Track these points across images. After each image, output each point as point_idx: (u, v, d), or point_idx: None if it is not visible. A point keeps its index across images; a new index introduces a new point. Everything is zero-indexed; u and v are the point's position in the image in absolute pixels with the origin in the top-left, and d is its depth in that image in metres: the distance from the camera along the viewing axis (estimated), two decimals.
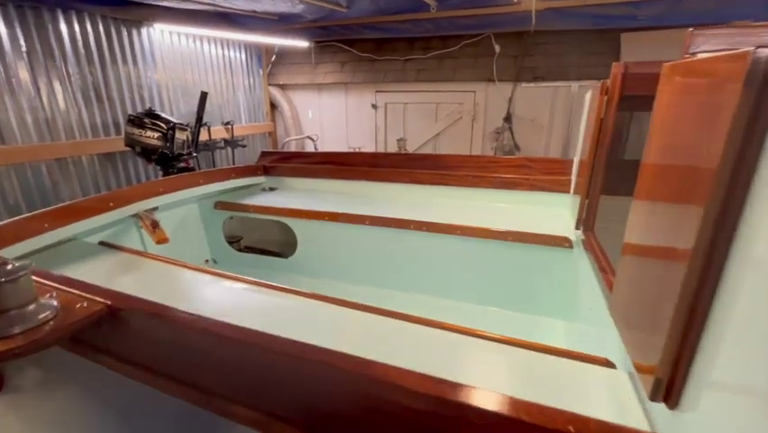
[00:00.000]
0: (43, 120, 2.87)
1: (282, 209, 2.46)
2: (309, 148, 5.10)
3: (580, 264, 1.77)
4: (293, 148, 5.38)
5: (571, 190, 2.28)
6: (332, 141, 5.45)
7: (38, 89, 2.83)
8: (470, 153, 4.67)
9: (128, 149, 3.16)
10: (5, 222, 1.62)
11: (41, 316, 0.72)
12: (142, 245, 2.15)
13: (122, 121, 3.31)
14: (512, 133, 4.33)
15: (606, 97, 1.61)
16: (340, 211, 2.32)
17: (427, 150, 4.88)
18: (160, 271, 1.58)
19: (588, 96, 2.01)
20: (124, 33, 3.37)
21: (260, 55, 5.15)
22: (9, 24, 2.63)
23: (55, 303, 0.76)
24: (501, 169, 2.57)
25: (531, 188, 2.44)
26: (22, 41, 2.70)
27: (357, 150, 4.64)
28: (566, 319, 1.95)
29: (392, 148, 4.98)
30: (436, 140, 4.87)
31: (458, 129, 4.73)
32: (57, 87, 2.94)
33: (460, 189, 2.58)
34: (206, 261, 2.81)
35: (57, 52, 2.91)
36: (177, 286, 1.45)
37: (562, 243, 1.89)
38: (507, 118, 4.31)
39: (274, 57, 5.34)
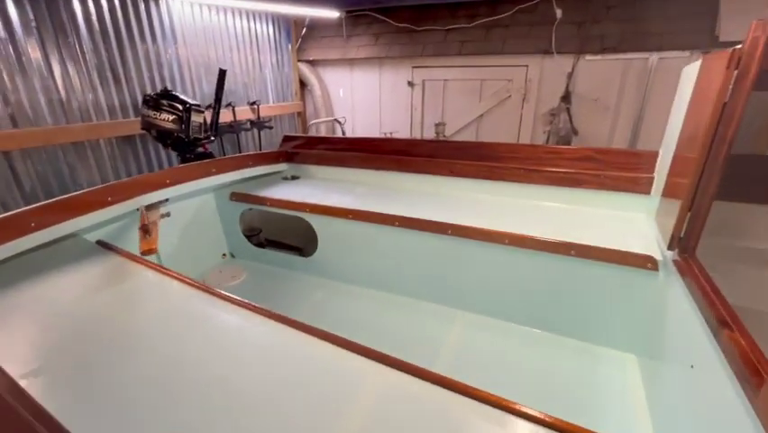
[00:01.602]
0: (57, 101, 2.72)
1: (302, 204, 2.17)
2: (339, 132, 4.77)
3: (671, 295, 1.36)
4: (322, 131, 5.07)
5: (652, 191, 1.82)
6: (363, 123, 5.08)
7: (50, 68, 2.66)
8: (517, 138, 4.14)
9: (144, 132, 2.97)
10: None
11: None
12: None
13: (139, 102, 3.12)
14: (570, 114, 3.75)
15: (736, 72, 1.13)
16: (366, 209, 2.00)
17: (468, 133, 4.39)
18: (143, 288, 1.33)
19: (690, 69, 1.52)
20: (141, 6, 3.12)
21: (290, 29, 4.80)
22: None
23: None
24: (562, 162, 2.11)
25: (599, 186, 1.98)
26: (31, 15, 2.52)
27: (390, 135, 4.25)
28: (640, 355, 1.57)
29: (429, 132, 4.54)
30: (479, 122, 4.36)
31: (505, 110, 4.19)
32: (70, 65, 2.76)
33: (509, 185, 2.16)
34: (224, 255, 2.62)
35: (69, 28, 2.72)
36: (152, 314, 1.19)
37: (643, 263, 1.47)
38: (566, 97, 3.72)
39: (304, 30, 4.98)
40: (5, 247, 1.43)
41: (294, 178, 2.70)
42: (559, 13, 3.59)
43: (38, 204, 1.56)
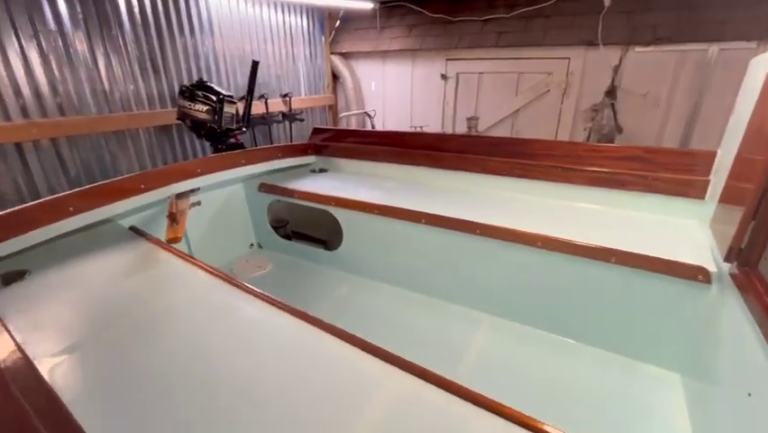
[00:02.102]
0: (101, 92, 2.83)
1: (328, 197, 2.15)
2: (369, 125, 4.73)
3: (725, 311, 1.24)
4: (352, 124, 5.05)
5: (707, 196, 1.67)
6: (394, 117, 5.01)
7: (95, 60, 2.77)
8: (555, 135, 3.94)
9: (180, 122, 3.05)
10: (32, 203, 1.50)
11: None
12: None
13: (176, 93, 3.21)
14: (614, 111, 3.51)
15: None
16: (393, 205, 1.95)
17: (502, 129, 4.22)
18: (170, 276, 1.35)
19: (761, 61, 1.36)
20: (181, 0, 3.20)
21: (323, 21, 4.79)
22: None
23: None
24: (604, 161, 1.97)
25: (646, 188, 1.83)
26: (79, 9, 2.63)
27: (420, 129, 4.16)
28: (685, 375, 1.44)
29: (460, 127, 4.41)
30: (515, 118, 4.18)
31: (543, 105, 4.00)
32: (114, 57, 2.87)
33: (544, 184, 2.04)
34: (251, 245, 2.65)
35: (113, 21, 2.82)
36: (178, 301, 1.20)
37: (694, 275, 1.34)
38: (611, 92, 3.48)
39: (338, 22, 4.96)
40: (47, 229, 1.50)
41: (322, 170, 2.69)
42: (607, 0, 3.35)
43: (76, 189, 1.63)
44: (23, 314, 1.13)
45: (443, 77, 4.47)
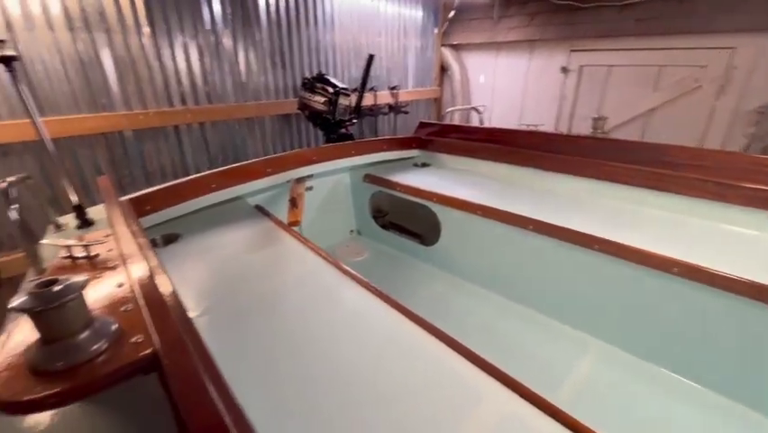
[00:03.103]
0: (239, 83, 3.24)
1: (429, 193, 2.14)
2: (475, 121, 4.57)
3: None
4: (456, 119, 4.93)
5: None
6: (502, 113, 4.76)
7: (237, 55, 3.17)
8: (701, 140, 3.31)
9: (299, 112, 3.33)
10: (185, 179, 1.80)
11: (94, 347, 0.58)
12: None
13: (297, 84, 3.50)
14: None
15: None
16: (497, 207, 1.86)
17: (630, 131, 3.70)
18: (286, 254, 1.48)
19: None
20: None
21: (438, 12, 4.73)
22: None
23: (113, 327, 0.62)
24: None
25: None
26: (229, 9, 3.03)
27: (533, 127, 3.87)
28: None
29: (579, 126, 3.99)
30: (648, 118, 3.63)
31: (689, 104, 3.38)
32: (251, 52, 3.24)
33: (686, 200, 1.73)
34: (351, 231, 2.79)
35: (253, 20, 3.18)
36: (291, 279, 1.31)
37: None
38: None
39: (452, 13, 4.85)
40: (194, 202, 1.78)
41: (424, 165, 2.69)
42: None
43: (217, 169, 1.89)
44: (177, 270, 1.35)
45: (564, 70, 4.07)
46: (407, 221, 2.74)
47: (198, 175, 1.84)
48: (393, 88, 4.42)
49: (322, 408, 0.82)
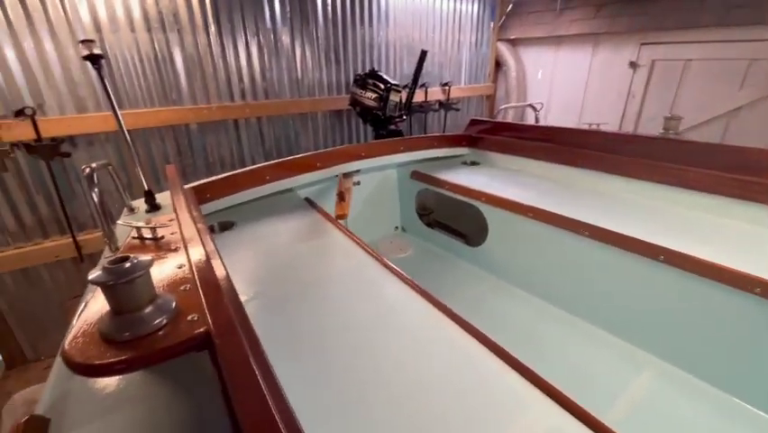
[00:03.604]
0: (294, 79, 3.35)
1: (478, 192, 2.08)
2: (529, 119, 4.37)
3: None
4: (509, 117, 4.75)
5: None
6: (560, 111, 4.51)
7: (294, 52, 3.28)
8: None
9: (351, 108, 3.38)
10: (242, 171, 1.90)
11: (156, 321, 0.63)
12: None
13: (350, 81, 3.55)
14: None
15: None
16: (549, 209, 1.77)
17: (708, 132, 3.34)
18: (332, 247, 1.52)
19: None
20: None
21: (495, 5, 4.58)
22: None
23: (173, 305, 0.67)
24: None
25: None
26: (288, 8, 3.14)
27: (593, 126, 3.62)
28: None
29: (645, 127, 3.68)
30: (731, 118, 3.25)
31: None
32: (307, 49, 3.34)
33: None
34: (396, 227, 2.80)
35: (311, 18, 3.27)
36: (336, 271, 1.34)
37: None
38: None
39: (510, 6, 4.67)
40: (249, 192, 1.88)
41: (473, 163, 2.62)
42: None
43: (271, 162, 1.98)
44: (230, 256, 1.44)
45: (633, 65, 3.77)
46: (453, 220, 2.69)
47: (254, 167, 1.94)
48: (445, 85, 4.35)
49: (361, 398, 0.83)
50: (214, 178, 1.81)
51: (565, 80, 4.43)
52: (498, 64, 4.94)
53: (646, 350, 1.55)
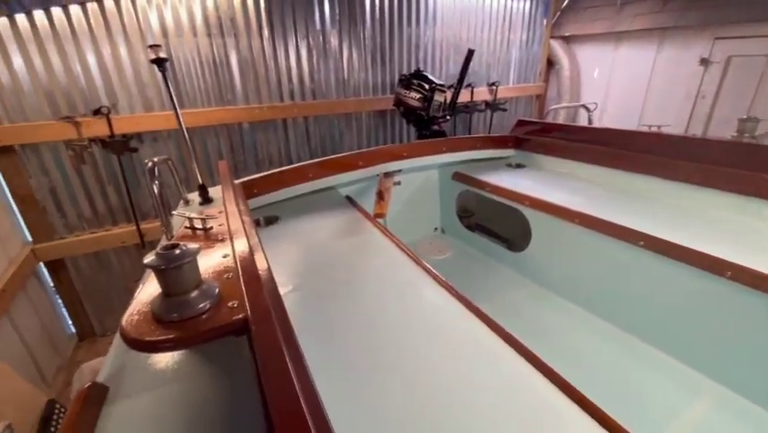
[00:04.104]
0: (341, 80, 3.43)
1: (522, 195, 2.01)
2: (582, 120, 4.14)
3: None
4: (560, 118, 4.53)
5: None
6: (617, 112, 4.23)
7: (341, 53, 3.35)
8: None
9: (394, 108, 3.39)
10: (287, 168, 1.98)
11: (200, 305, 0.68)
12: None
13: (395, 81, 3.57)
14: None
15: None
16: (601, 216, 1.67)
17: None
18: (370, 245, 1.54)
19: None
20: None
21: (549, 2, 4.38)
22: None
23: (216, 291, 0.71)
24: None
25: None
26: (337, 10, 3.21)
27: (654, 129, 3.36)
28: None
29: (716, 129, 3.35)
30: None
31: None
32: (354, 50, 3.40)
33: None
34: (435, 228, 2.78)
35: (359, 19, 3.33)
36: (373, 269, 1.35)
37: None
38: None
39: (566, 2, 4.45)
40: (293, 189, 1.96)
41: (519, 166, 2.53)
42: None
43: (315, 160, 2.04)
44: (273, 249, 1.50)
45: (705, 62, 3.44)
46: (495, 224, 2.62)
47: (299, 165, 2.01)
48: (492, 84, 4.24)
49: (389, 398, 0.83)
50: (261, 174, 1.91)
51: (624, 79, 4.15)
52: (550, 63, 4.73)
53: (706, 374, 1.42)
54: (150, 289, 0.73)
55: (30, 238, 2.66)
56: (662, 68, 3.80)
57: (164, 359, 0.91)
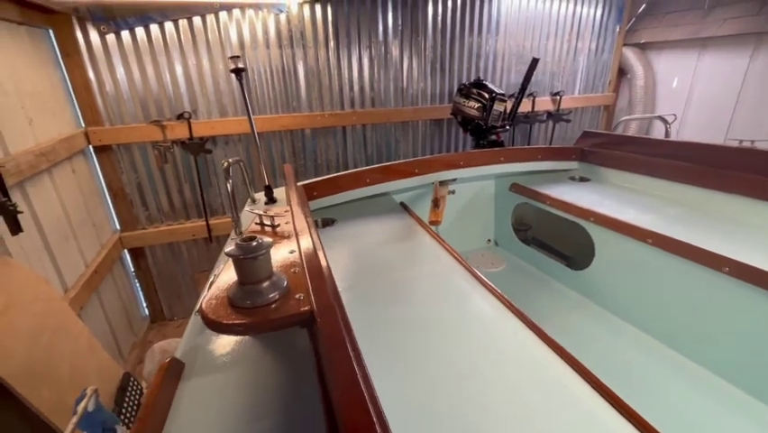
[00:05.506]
0: (400, 89, 3.49)
1: (587, 211, 1.91)
2: (656, 133, 3.83)
3: None
4: (631, 130, 4.22)
5: None
6: (699, 125, 3.86)
7: (402, 63, 3.42)
8: None
9: (452, 117, 3.38)
10: (345, 173, 2.05)
11: (270, 295, 0.73)
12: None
13: (453, 90, 3.55)
14: None
15: None
16: (677, 238, 1.53)
17: None
18: (422, 251, 1.54)
19: None
20: (477, 3, 3.46)
21: (623, 8, 4.13)
22: (393, 7, 3.23)
23: (285, 283, 0.76)
24: None
25: None
26: (400, 21, 3.29)
27: (746, 144, 3.01)
28: None
29: None
30: None
31: None
32: (415, 60, 3.45)
33: None
34: (488, 240, 2.71)
35: (420, 29, 3.37)
36: (423, 275, 1.35)
37: None
38: None
39: (643, 6, 4.16)
40: (350, 193, 2.02)
41: (583, 179, 2.40)
42: None
43: (372, 166, 2.09)
44: (330, 249, 1.56)
45: None
46: (554, 239, 2.50)
47: (356, 170, 2.07)
48: (555, 94, 4.07)
49: (438, 406, 0.83)
50: (321, 178, 2.00)
51: (709, 89, 3.78)
52: (622, 72, 4.44)
53: None
54: (226, 276, 0.80)
55: (118, 227, 3.00)
56: (757, 76, 3.41)
57: (231, 342, 0.98)
